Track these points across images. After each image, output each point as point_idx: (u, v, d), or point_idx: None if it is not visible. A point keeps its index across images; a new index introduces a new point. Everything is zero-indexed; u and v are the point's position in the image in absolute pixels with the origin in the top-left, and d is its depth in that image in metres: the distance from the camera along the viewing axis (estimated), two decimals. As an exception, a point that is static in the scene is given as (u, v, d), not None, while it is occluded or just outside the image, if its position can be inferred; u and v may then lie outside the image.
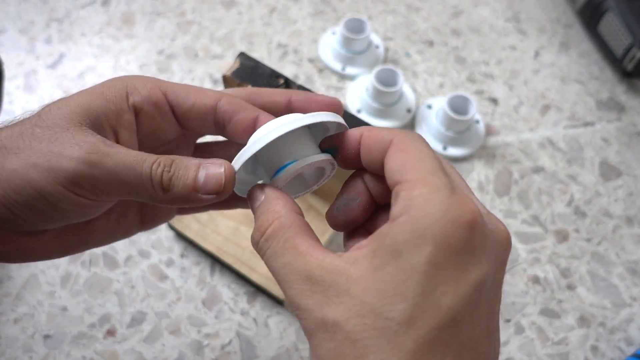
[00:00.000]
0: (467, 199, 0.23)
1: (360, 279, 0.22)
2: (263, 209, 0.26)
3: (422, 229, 0.22)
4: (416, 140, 0.25)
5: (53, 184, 0.25)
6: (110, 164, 0.26)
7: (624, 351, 0.50)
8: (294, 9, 0.70)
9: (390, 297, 0.21)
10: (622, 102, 0.65)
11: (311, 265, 0.23)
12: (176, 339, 0.47)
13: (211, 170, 0.27)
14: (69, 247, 0.31)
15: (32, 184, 0.25)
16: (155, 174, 0.26)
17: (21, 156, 0.26)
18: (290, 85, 0.41)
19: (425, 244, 0.21)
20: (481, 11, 0.72)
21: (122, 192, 0.27)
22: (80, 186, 0.26)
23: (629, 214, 0.57)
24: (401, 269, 0.21)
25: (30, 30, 0.65)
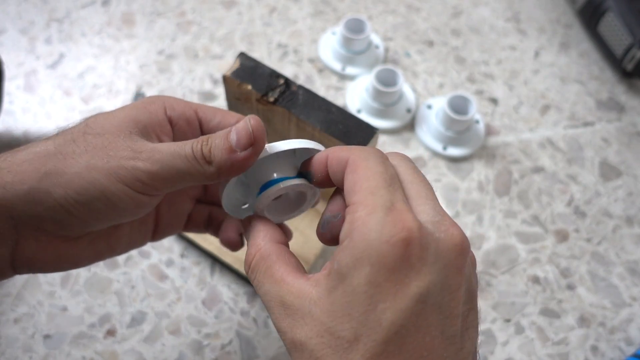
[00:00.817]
0: (404, 215, 0.24)
1: (319, 300, 0.24)
2: (249, 242, 0.30)
3: (360, 252, 0.23)
4: (369, 157, 0.26)
5: (116, 183, 0.28)
6: (159, 156, 0.29)
7: (624, 351, 0.50)
8: (294, 9, 0.70)
9: (340, 318, 0.23)
10: (622, 102, 0.65)
11: (283, 291, 0.26)
12: (176, 339, 0.47)
13: (239, 127, 0.29)
14: (99, 253, 0.33)
15: (95, 184, 0.28)
16: (196, 150, 0.29)
17: (80, 160, 0.28)
18: (290, 85, 0.41)
19: (363, 266, 0.23)
20: (481, 11, 0.72)
21: (176, 178, 0.29)
22: (140, 181, 0.28)
23: (629, 214, 0.57)
24: (346, 291, 0.23)
25: (30, 30, 0.65)
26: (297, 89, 0.41)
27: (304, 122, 0.40)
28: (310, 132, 0.41)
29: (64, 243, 0.31)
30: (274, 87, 0.41)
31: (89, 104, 0.60)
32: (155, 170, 0.29)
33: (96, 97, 0.61)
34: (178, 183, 0.30)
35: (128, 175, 0.28)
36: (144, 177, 0.29)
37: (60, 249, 0.31)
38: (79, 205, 0.28)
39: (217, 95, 0.62)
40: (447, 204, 0.56)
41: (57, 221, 0.29)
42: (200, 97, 0.61)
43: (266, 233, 0.29)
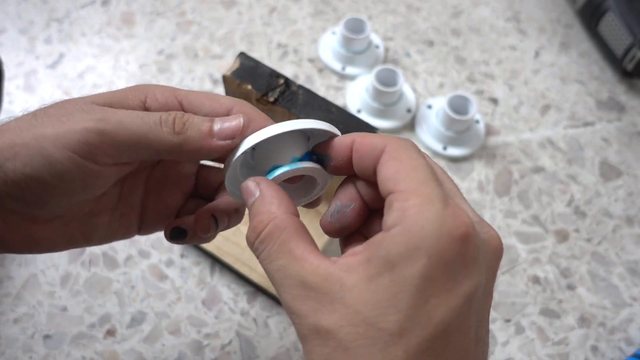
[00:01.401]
0: (461, 210, 0.23)
1: (354, 287, 0.22)
2: (258, 208, 0.26)
3: (416, 242, 0.22)
4: (409, 147, 0.25)
5: (62, 149, 0.26)
6: (117, 117, 0.26)
7: (624, 351, 0.50)
8: (294, 9, 0.70)
9: (383, 308, 0.22)
10: (622, 102, 0.65)
11: (306, 271, 0.23)
12: (176, 339, 0.47)
13: (228, 120, 0.28)
14: (73, 239, 0.31)
15: (42, 152, 0.26)
16: (166, 119, 0.27)
17: (32, 131, 0.26)
18: (290, 85, 0.41)
19: (419, 257, 0.22)
20: (481, 11, 0.72)
21: (131, 143, 0.27)
22: (88, 145, 0.26)
23: (629, 214, 0.57)
24: (395, 281, 0.22)
25: (30, 30, 0.65)
26: (297, 88, 0.41)
27: (304, 122, 0.40)
28: (310, 132, 0.41)
29: (34, 225, 0.29)
30: (274, 87, 0.41)
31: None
32: (108, 131, 0.26)
33: (96, 97, 0.61)
34: (131, 150, 0.27)
35: (75, 139, 0.26)
36: (91, 139, 0.26)
37: (30, 230, 0.29)
38: (27, 179, 0.26)
39: (217, 95, 0.62)
40: (447, 204, 0.56)
41: (14, 197, 0.27)
42: (200, 97, 0.61)
43: (281, 202, 0.26)
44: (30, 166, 0.26)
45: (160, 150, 0.27)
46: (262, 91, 0.41)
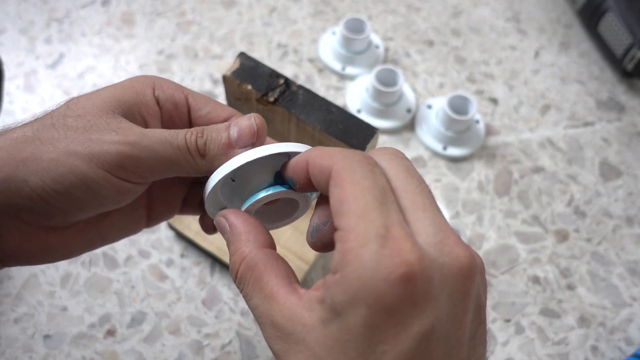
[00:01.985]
0: (400, 245, 0.21)
1: (313, 329, 0.22)
2: (231, 247, 0.27)
3: (354, 291, 0.21)
4: (353, 168, 0.23)
5: (96, 169, 0.26)
6: (147, 142, 0.27)
7: (624, 351, 0.50)
8: (294, 9, 0.70)
9: (337, 355, 0.21)
10: (622, 102, 0.65)
11: (274, 310, 0.24)
12: (176, 339, 0.47)
13: (242, 124, 0.28)
14: (89, 242, 0.31)
15: (74, 171, 0.26)
16: (190, 142, 0.28)
17: (59, 146, 0.26)
18: (290, 85, 0.41)
19: (359, 307, 0.21)
20: (481, 11, 0.72)
21: (163, 168, 0.28)
22: (124, 168, 0.27)
23: (629, 214, 0.57)
24: (342, 329, 0.21)
25: (30, 30, 0.65)
26: (297, 88, 0.41)
27: (304, 122, 0.40)
28: (310, 132, 0.41)
29: (50, 234, 0.29)
30: (274, 87, 0.41)
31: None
32: (142, 158, 0.27)
33: (96, 97, 0.61)
34: (165, 173, 0.28)
35: (110, 161, 0.26)
36: (128, 164, 0.27)
37: (47, 240, 0.29)
38: (57, 195, 0.26)
39: (217, 95, 0.62)
40: (447, 204, 0.56)
41: (36, 211, 0.27)
42: (200, 97, 0.61)
43: (248, 236, 0.26)
44: (61, 183, 0.26)
45: (190, 173, 0.29)
46: (262, 91, 0.41)
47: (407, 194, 0.23)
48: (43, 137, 0.27)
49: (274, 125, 0.44)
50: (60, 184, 0.26)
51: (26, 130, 0.27)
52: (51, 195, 0.26)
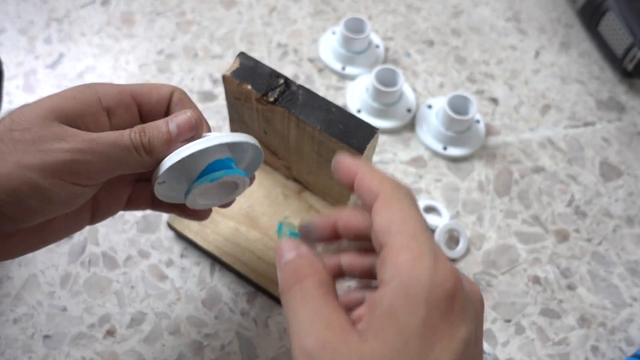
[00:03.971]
0: (447, 265, 0.25)
1: (365, 345, 0.23)
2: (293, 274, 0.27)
3: (414, 294, 0.23)
4: (401, 198, 0.26)
5: (50, 178, 0.27)
6: (97, 147, 0.29)
7: (624, 351, 0.50)
8: (294, 9, 0.70)
9: (397, 357, 0.23)
10: (622, 102, 0.65)
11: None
12: (176, 340, 0.47)
13: (179, 118, 0.31)
14: (32, 246, 0.32)
15: (28, 182, 0.27)
16: (135, 140, 0.30)
17: (10, 159, 0.27)
18: (290, 85, 0.41)
19: (419, 307, 0.23)
20: (481, 11, 0.72)
21: (113, 168, 0.30)
22: (77, 173, 0.28)
23: (630, 214, 0.57)
24: (401, 331, 0.23)
25: (29, 30, 0.65)
26: (297, 88, 0.41)
27: (304, 122, 0.40)
28: (310, 132, 0.41)
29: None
30: (273, 87, 0.41)
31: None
32: (94, 161, 0.28)
33: (96, 97, 0.61)
34: (115, 172, 0.30)
35: (63, 169, 0.28)
36: (81, 169, 0.28)
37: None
38: (10, 205, 0.27)
39: (217, 95, 0.62)
40: (447, 204, 0.56)
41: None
42: (200, 96, 0.61)
43: (317, 270, 0.27)
44: (15, 195, 0.27)
45: (138, 169, 0.31)
46: (262, 91, 0.41)
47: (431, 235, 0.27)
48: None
49: (274, 125, 0.44)
50: (13, 196, 0.27)
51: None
52: (4, 207, 0.27)
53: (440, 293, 0.23)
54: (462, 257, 0.53)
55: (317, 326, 0.24)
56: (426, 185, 0.57)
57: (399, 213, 0.26)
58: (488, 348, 0.45)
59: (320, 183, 0.49)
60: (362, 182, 0.28)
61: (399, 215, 0.26)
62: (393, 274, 0.24)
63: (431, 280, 0.23)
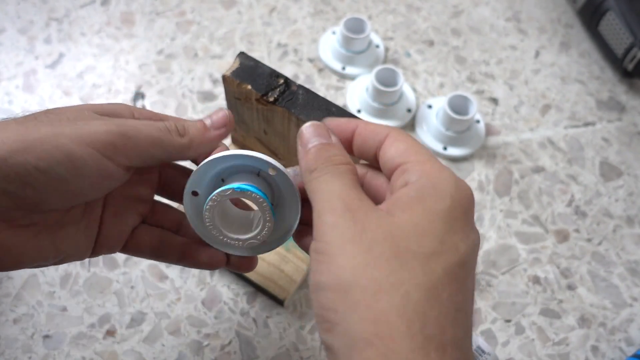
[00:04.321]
0: (463, 181, 0.27)
1: (394, 217, 0.25)
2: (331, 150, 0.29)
3: (442, 187, 0.26)
4: (407, 135, 0.29)
5: (85, 147, 0.27)
6: (133, 123, 0.30)
7: (624, 351, 0.50)
8: (294, 9, 0.70)
9: (422, 232, 0.25)
10: (622, 102, 0.65)
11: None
12: (176, 339, 0.47)
13: (216, 115, 0.33)
14: (42, 250, 0.30)
15: (61, 148, 0.26)
16: (170, 125, 0.31)
17: (44, 129, 0.27)
18: (290, 85, 0.41)
19: (445, 198, 0.25)
20: (481, 11, 0.72)
21: (148, 146, 0.30)
22: (113, 145, 0.28)
23: (630, 214, 0.57)
24: (427, 211, 0.25)
25: (29, 29, 0.65)
26: (297, 88, 0.41)
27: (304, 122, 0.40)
28: (310, 132, 0.41)
29: (7, 230, 0.28)
30: (273, 87, 0.41)
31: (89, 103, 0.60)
32: (131, 136, 0.29)
33: (96, 97, 0.61)
34: (148, 153, 0.30)
35: (99, 139, 0.27)
36: (115, 140, 0.28)
37: (1, 235, 0.28)
38: (38, 173, 0.26)
39: (216, 95, 0.62)
40: (447, 204, 0.56)
41: (8, 193, 0.26)
42: (199, 96, 0.61)
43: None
44: (45, 160, 0.26)
45: (172, 152, 0.31)
46: (261, 91, 0.41)
47: None
48: (28, 124, 0.27)
49: (274, 125, 0.44)
50: (44, 161, 0.26)
51: (9, 122, 0.27)
52: (31, 174, 0.26)
53: (462, 194, 0.26)
54: (462, 257, 0.53)
55: (350, 196, 0.26)
56: (426, 185, 0.57)
57: (413, 142, 0.28)
58: (488, 348, 0.45)
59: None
60: (366, 129, 0.30)
61: (413, 144, 0.28)
62: (420, 174, 0.26)
63: (456, 184, 0.26)
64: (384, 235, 0.24)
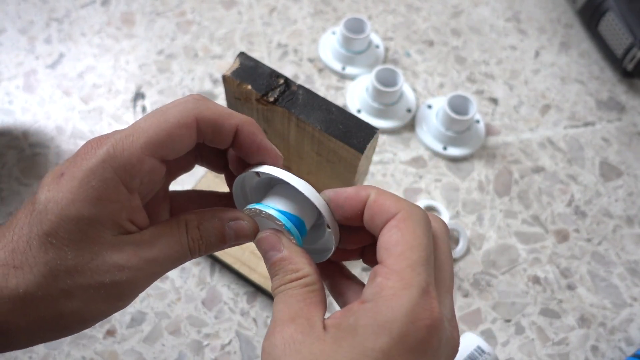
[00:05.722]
0: (434, 302, 0.24)
1: (324, 343, 0.24)
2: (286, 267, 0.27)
3: (383, 321, 0.23)
4: (417, 222, 0.25)
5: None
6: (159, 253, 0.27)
7: (624, 351, 0.50)
8: (294, 9, 0.70)
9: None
10: (622, 102, 0.65)
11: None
12: (176, 339, 0.47)
13: (241, 228, 0.29)
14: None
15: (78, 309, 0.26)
16: (193, 249, 0.29)
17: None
18: (290, 85, 0.41)
19: (383, 335, 0.23)
20: (481, 11, 0.72)
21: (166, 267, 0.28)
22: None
23: (629, 214, 0.57)
24: (355, 348, 0.23)
25: (29, 30, 0.65)
26: (297, 88, 0.41)
27: (304, 122, 0.40)
28: (310, 132, 0.41)
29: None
30: (273, 87, 0.41)
31: (89, 103, 0.60)
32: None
33: (96, 97, 0.61)
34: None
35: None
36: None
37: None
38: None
39: (217, 95, 0.62)
40: (447, 204, 0.56)
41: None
42: (200, 97, 0.61)
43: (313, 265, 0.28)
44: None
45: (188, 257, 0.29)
46: (262, 91, 0.41)
47: (442, 268, 0.26)
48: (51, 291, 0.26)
49: (274, 125, 0.44)
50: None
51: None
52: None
53: (410, 328, 0.23)
54: (462, 257, 0.53)
55: (285, 322, 0.25)
56: (426, 185, 0.57)
57: (410, 236, 0.25)
58: (488, 348, 0.45)
59: (320, 183, 0.49)
60: (377, 201, 0.27)
61: (409, 239, 0.25)
62: (374, 295, 0.24)
63: (407, 313, 0.23)
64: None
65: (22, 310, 0.25)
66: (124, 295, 0.27)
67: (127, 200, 0.26)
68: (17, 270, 0.24)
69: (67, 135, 0.58)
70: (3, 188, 0.54)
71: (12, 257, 0.25)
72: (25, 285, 0.24)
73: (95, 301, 0.26)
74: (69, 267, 0.25)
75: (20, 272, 0.24)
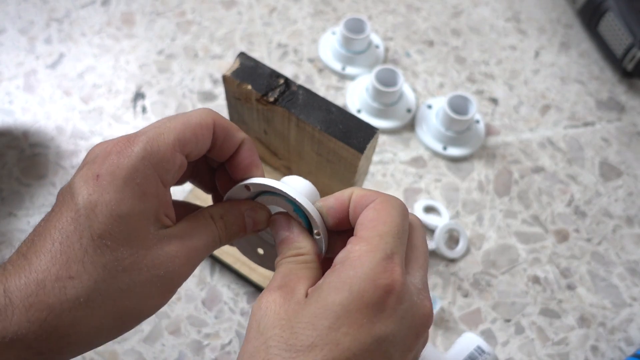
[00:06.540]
0: (396, 267, 0.25)
1: (297, 304, 0.26)
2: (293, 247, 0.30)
3: (344, 279, 0.25)
4: (393, 206, 0.28)
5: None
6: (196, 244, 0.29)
7: (624, 351, 0.50)
8: (294, 9, 0.70)
9: (305, 323, 0.24)
10: (622, 102, 0.65)
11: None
12: (176, 339, 0.47)
13: (259, 219, 0.32)
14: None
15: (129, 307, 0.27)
16: (222, 238, 0.31)
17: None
18: (290, 85, 0.41)
19: (343, 290, 0.25)
20: (481, 11, 0.72)
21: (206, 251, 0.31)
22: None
23: (629, 214, 0.57)
24: (319, 304, 0.25)
25: (30, 30, 0.65)
26: (297, 88, 0.41)
27: (304, 122, 0.40)
28: (310, 132, 0.41)
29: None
30: (273, 87, 0.41)
31: (89, 103, 0.60)
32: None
33: (96, 97, 0.61)
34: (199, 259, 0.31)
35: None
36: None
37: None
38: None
39: (217, 95, 0.62)
40: (447, 204, 0.56)
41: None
42: (200, 97, 0.61)
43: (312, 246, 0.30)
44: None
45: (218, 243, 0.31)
46: (262, 91, 0.41)
47: (416, 250, 0.28)
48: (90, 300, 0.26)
49: (274, 125, 0.44)
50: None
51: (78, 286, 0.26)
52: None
53: (368, 286, 0.24)
54: (462, 257, 0.53)
55: (274, 288, 0.26)
56: (426, 185, 0.57)
57: (384, 215, 0.27)
58: (488, 348, 0.45)
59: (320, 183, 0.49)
60: (359, 194, 0.29)
61: (383, 216, 0.27)
62: (341, 259, 0.26)
63: (366, 272, 0.25)
64: (281, 324, 0.25)
65: (83, 318, 0.25)
66: (174, 285, 0.28)
67: (164, 195, 0.28)
68: (73, 281, 0.25)
69: (67, 135, 0.58)
70: (3, 188, 0.54)
71: (67, 268, 0.25)
72: (85, 293, 0.25)
73: (152, 295, 0.27)
74: (126, 266, 0.26)
75: (78, 282, 0.25)
